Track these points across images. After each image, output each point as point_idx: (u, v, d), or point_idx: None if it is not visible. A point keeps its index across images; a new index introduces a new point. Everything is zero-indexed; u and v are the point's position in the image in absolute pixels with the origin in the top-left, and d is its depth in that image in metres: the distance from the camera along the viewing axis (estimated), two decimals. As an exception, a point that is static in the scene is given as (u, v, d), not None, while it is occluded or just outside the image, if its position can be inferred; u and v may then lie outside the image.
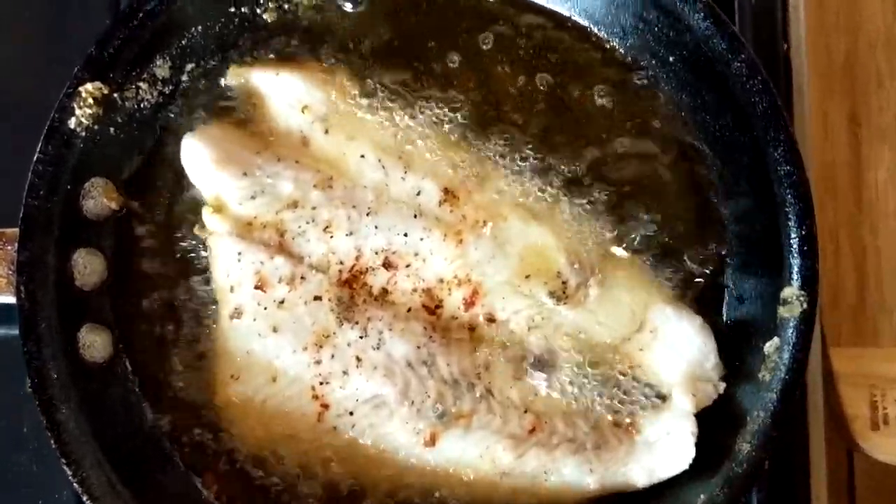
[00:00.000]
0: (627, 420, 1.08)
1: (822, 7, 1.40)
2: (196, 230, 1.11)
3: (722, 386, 1.06)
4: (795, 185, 1.01)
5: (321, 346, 1.08)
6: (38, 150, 1.04)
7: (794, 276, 1.01)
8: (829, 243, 1.36)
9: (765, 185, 1.04)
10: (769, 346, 1.02)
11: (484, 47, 1.15)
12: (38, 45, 1.23)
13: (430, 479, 1.08)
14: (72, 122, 1.05)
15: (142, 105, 1.11)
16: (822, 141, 1.37)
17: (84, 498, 0.99)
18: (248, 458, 1.10)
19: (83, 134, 1.06)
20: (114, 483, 1.02)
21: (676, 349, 1.08)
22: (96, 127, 1.07)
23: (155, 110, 1.13)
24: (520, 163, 1.13)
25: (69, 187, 1.06)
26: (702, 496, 1.00)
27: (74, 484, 0.99)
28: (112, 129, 1.09)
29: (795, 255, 1.01)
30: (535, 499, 1.08)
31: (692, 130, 1.12)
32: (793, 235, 1.01)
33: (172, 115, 1.14)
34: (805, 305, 1.00)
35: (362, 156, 1.12)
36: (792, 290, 1.01)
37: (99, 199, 1.09)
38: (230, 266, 1.09)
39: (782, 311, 1.02)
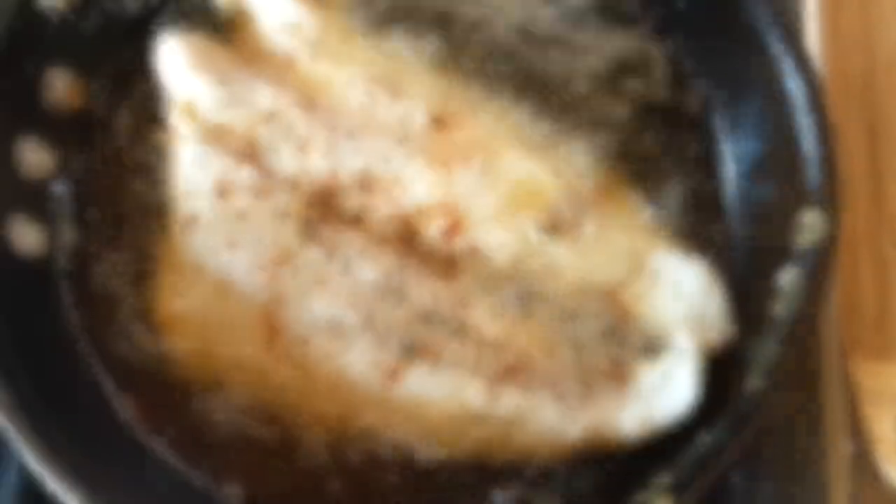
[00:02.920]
0: (620, 368, 0.94)
1: (837, 30, 1.36)
2: (160, 133, 1.03)
3: (729, 333, 0.93)
4: (813, 105, 0.93)
5: (280, 266, 0.96)
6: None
7: (814, 199, 0.91)
8: (847, 256, 1.25)
9: (777, 116, 0.96)
10: (784, 277, 0.90)
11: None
12: None
13: (391, 420, 0.93)
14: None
15: (125, 10, 1.06)
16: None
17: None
18: (183, 385, 0.95)
19: (55, 17, 1.00)
20: (13, 371, 0.87)
21: (678, 295, 0.96)
22: (72, 16, 1.01)
23: (138, 20, 1.07)
24: (519, 101, 1.05)
25: (31, 68, 0.99)
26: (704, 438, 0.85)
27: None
28: (88, 25, 1.03)
29: (816, 176, 0.91)
30: (508, 449, 0.92)
31: (699, 75, 1.06)
32: (810, 158, 0.92)
33: (154, 29, 1.08)
34: (827, 226, 0.89)
35: (349, 81, 1.05)
36: (811, 214, 0.90)
37: (63, 90, 1.02)
38: (191, 170, 0.99)
39: (799, 239, 0.90)
